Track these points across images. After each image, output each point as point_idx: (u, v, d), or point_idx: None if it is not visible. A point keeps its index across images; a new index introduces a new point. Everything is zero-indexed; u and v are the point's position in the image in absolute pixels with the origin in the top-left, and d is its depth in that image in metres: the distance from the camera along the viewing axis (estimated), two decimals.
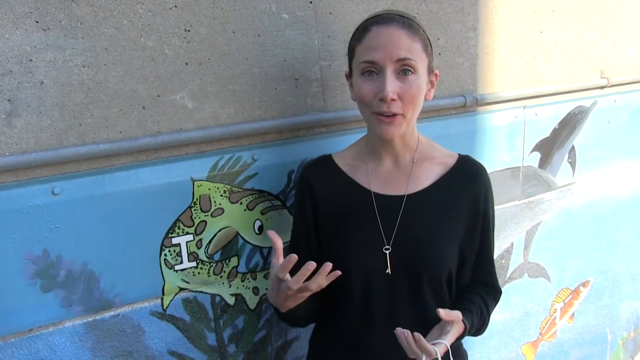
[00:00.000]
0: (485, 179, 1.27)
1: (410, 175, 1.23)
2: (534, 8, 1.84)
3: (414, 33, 1.13)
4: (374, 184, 1.24)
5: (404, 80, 1.11)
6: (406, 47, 1.11)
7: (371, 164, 1.26)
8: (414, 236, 1.20)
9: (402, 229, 1.20)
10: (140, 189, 1.28)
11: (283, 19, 1.40)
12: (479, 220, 1.25)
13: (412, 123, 1.19)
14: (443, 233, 1.22)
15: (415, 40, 1.12)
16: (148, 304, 1.34)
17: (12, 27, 1.11)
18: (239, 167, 1.39)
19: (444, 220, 1.22)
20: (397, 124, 1.13)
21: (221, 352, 1.47)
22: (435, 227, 1.22)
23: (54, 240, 1.21)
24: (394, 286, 1.20)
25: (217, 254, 1.40)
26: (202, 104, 1.33)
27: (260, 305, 1.50)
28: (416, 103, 1.14)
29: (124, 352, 1.35)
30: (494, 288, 1.32)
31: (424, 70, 1.15)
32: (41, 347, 1.25)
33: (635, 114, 2.19)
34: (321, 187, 1.26)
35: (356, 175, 1.26)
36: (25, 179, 1.18)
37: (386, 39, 1.11)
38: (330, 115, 1.49)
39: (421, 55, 1.13)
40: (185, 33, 1.29)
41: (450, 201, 1.23)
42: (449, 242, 1.22)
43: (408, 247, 1.19)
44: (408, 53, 1.10)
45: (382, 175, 1.25)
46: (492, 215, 1.29)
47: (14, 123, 1.15)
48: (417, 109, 1.16)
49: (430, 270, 1.20)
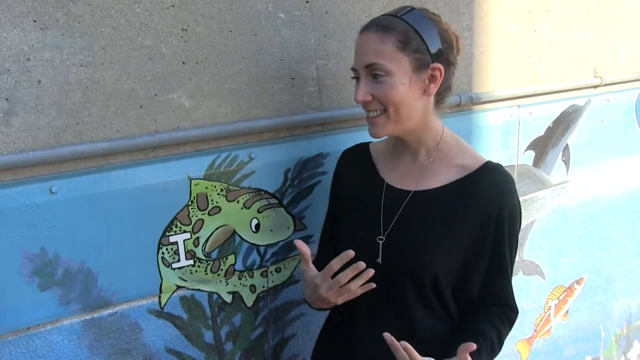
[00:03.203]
0: (508, 195, 1.18)
1: (424, 173, 1.23)
2: (528, 8, 1.85)
3: (386, 35, 1.12)
4: (390, 176, 1.26)
5: (376, 82, 1.14)
6: (374, 52, 1.13)
7: (394, 157, 1.28)
8: (406, 232, 1.20)
9: (398, 223, 1.21)
10: (137, 187, 1.28)
11: (279, 19, 1.41)
12: (490, 235, 1.18)
13: (411, 121, 1.17)
14: (436, 237, 1.18)
15: (385, 42, 1.12)
16: (145, 302, 1.35)
17: (10, 26, 1.12)
18: (235, 165, 1.39)
19: (443, 225, 1.19)
20: (379, 124, 1.17)
21: (218, 349, 1.48)
22: (430, 228, 1.19)
23: (51, 238, 1.21)
24: (380, 277, 1.17)
25: (214, 252, 1.41)
26: (199, 103, 1.34)
27: (257, 303, 1.51)
28: (395, 102, 1.13)
29: (122, 350, 1.35)
30: (508, 307, 1.23)
31: (401, 69, 1.13)
32: (39, 345, 1.25)
33: (628, 112, 2.21)
34: (347, 172, 1.34)
35: (380, 165, 1.30)
36: (23, 178, 1.18)
37: (360, 46, 1.17)
38: (326, 114, 1.50)
39: (394, 56, 1.12)
40: (182, 32, 1.29)
41: (457, 207, 1.19)
42: (441, 247, 1.18)
43: (398, 242, 1.20)
44: (375, 58, 1.13)
45: (400, 169, 1.26)
46: (512, 234, 1.20)
47: (11, 122, 1.15)
48: (401, 107, 1.14)
49: (412, 270, 1.19)
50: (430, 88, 1.16)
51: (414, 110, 1.17)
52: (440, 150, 1.23)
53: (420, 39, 1.13)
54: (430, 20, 1.16)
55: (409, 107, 1.15)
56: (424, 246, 1.19)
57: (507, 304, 1.22)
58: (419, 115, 1.18)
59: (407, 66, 1.13)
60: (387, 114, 1.15)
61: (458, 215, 1.18)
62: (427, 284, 1.19)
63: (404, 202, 1.22)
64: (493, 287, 1.21)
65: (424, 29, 1.14)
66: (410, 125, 1.19)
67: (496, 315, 1.20)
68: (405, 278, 1.19)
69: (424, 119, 1.20)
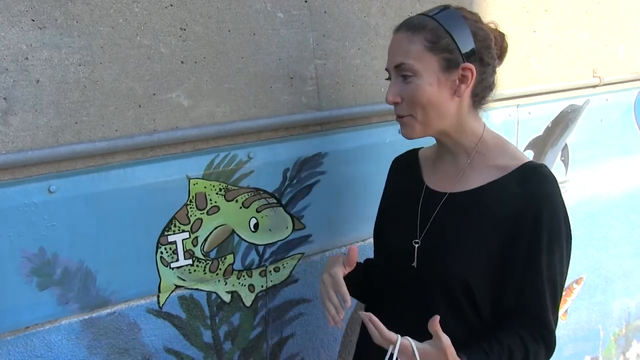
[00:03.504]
0: (547, 197, 1.10)
1: (461, 175, 1.19)
2: (527, 8, 1.85)
3: (415, 34, 1.11)
4: (430, 179, 1.24)
5: (405, 83, 1.12)
6: (402, 52, 1.11)
7: (437, 160, 1.26)
8: (438, 235, 1.17)
9: (433, 226, 1.18)
10: (136, 186, 1.28)
11: (278, 18, 1.41)
12: (524, 240, 1.09)
13: (443, 122, 1.14)
14: (467, 241, 1.13)
15: (414, 42, 1.10)
16: (144, 301, 1.35)
17: (8, 26, 1.12)
18: (234, 165, 1.39)
19: (475, 228, 1.13)
20: (407, 125, 1.15)
21: (217, 349, 1.48)
22: (462, 232, 1.14)
23: (50, 238, 1.21)
24: (416, 281, 1.17)
25: (212, 251, 1.41)
26: (197, 102, 1.34)
27: (256, 302, 1.51)
28: (422, 103, 1.11)
29: (120, 350, 1.35)
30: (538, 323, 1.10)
31: (429, 69, 1.10)
32: (37, 345, 1.25)
33: (627, 112, 2.21)
34: (395, 176, 1.36)
35: (424, 169, 1.29)
36: (22, 177, 1.18)
37: (391, 46, 1.16)
38: (325, 113, 1.50)
39: (422, 55, 1.10)
40: (181, 32, 1.29)
41: (490, 209, 1.13)
42: (472, 252, 1.12)
43: (431, 245, 1.17)
44: (403, 58, 1.11)
45: (440, 172, 1.24)
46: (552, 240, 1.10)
47: (10, 121, 1.15)
48: (429, 108, 1.11)
49: (441, 275, 1.15)
50: (461, 88, 1.12)
51: (443, 112, 1.13)
52: (479, 151, 1.18)
53: (450, 38, 1.10)
54: (463, 19, 1.12)
55: (437, 108, 1.12)
56: (453, 250, 1.14)
57: (536, 319, 1.10)
58: (451, 117, 1.14)
59: (436, 66, 1.10)
60: (415, 116, 1.13)
61: (491, 218, 1.12)
62: (458, 290, 1.13)
63: (439, 205, 1.18)
64: (524, 298, 1.10)
65: (455, 27, 1.11)
66: (440, 127, 1.15)
67: (527, 330, 1.10)
68: (435, 283, 1.15)
69: (457, 120, 1.15)
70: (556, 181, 1.13)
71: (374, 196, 1.63)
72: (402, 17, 1.59)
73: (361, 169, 1.60)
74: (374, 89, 1.59)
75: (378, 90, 1.60)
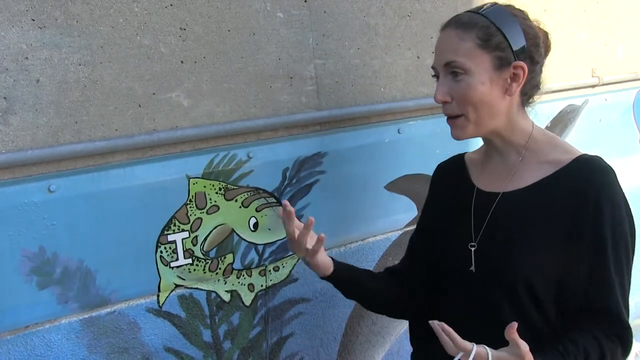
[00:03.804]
0: (605, 189, 1.06)
1: (513, 173, 1.16)
2: (526, 7, 1.84)
3: (466, 31, 1.09)
4: (480, 180, 1.22)
5: (455, 81, 1.10)
6: (453, 50, 1.09)
7: (485, 161, 1.24)
8: (495, 237, 1.14)
9: (488, 228, 1.15)
10: (136, 186, 1.29)
11: (278, 18, 1.41)
12: (585, 234, 1.06)
13: (493, 122, 1.13)
14: (527, 240, 1.10)
15: (465, 40, 1.08)
16: (144, 300, 1.35)
17: (8, 25, 1.12)
18: (234, 164, 1.40)
19: (533, 226, 1.10)
20: (458, 125, 1.13)
21: (217, 348, 1.49)
22: (520, 231, 1.11)
23: (50, 237, 1.21)
24: (474, 285, 1.14)
25: (212, 251, 1.41)
26: (197, 102, 1.34)
27: (255, 301, 1.51)
28: (474, 102, 1.09)
29: (120, 349, 1.35)
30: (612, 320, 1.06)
31: (481, 67, 1.08)
32: (37, 344, 1.25)
33: (625, 112, 2.21)
34: (441, 181, 1.33)
35: (472, 171, 1.26)
36: (22, 176, 1.18)
37: (440, 43, 1.14)
38: (324, 113, 1.51)
39: (474, 53, 1.08)
40: (180, 31, 1.30)
41: (547, 206, 1.10)
42: (532, 251, 1.09)
43: (489, 247, 1.14)
44: (453, 55, 1.09)
45: (489, 172, 1.21)
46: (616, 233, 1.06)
47: (10, 120, 1.15)
48: (481, 108, 1.10)
49: (502, 278, 1.11)
50: (512, 87, 1.10)
51: (495, 110, 1.11)
52: (530, 148, 1.15)
53: (502, 36, 1.08)
54: (513, 17, 1.11)
55: (489, 107, 1.10)
56: (513, 250, 1.11)
57: (609, 316, 1.06)
58: (502, 116, 1.12)
59: (488, 64, 1.08)
60: (467, 116, 1.10)
61: (548, 214, 1.09)
62: (521, 291, 1.09)
63: (493, 205, 1.16)
64: (593, 295, 1.06)
65: (506, 25, 1.09)
66: (492, 127, 1.13)
67: (600, 328, 1.05)
68: (497, 285, 1.12)
69: (508, 119, 1.14)
70: (613, 171, 1.10)
71: (374, 196, 1.65)
72: (402, 17, 1.61)
73: (360, 169, 1.60)
74: (374, 88, 1.60)
75: (378, 90, 1.60)
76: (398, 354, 1.85)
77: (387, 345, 1.82)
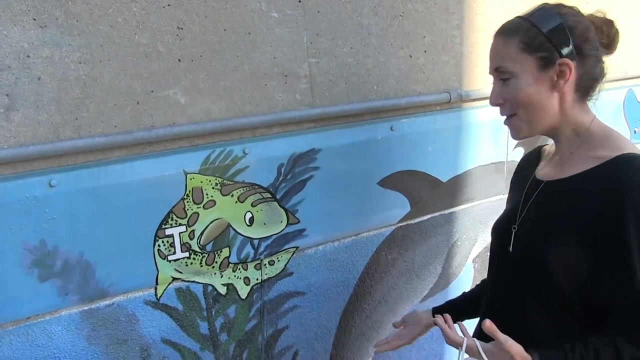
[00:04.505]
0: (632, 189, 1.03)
1: (562, 163, 1.19)
2: (517, 7, 1.89)
3: (510, 37, 1.14)
4: (542, 170, 1.25)
5: (505, 85, 1.15)
6: (499, 55, 1.15)
7: (553, 152, 1.27)
8: (530, 222, 1.18)
9: (527, 212, 1.20)
10: (134, 181, 1.32)
11: (273, 18, 1.44)
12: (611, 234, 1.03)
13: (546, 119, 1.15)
14: (553, 229, 1.12)
15: (508, 45, 1.13)
16: (142, 293, 1.38)
17: (10, 24, 1.15)
18: (230, 160, 1.43)
19: (562, 217, 1.11)
20: (514, 126, 1.18)
21: (213, 340, 1.51)
22: (550, 220, 1.13)
23: (50, 230, 1.24)
24: (509, 266, 1.18)
25: (209, 244, 1.45)
26: (194, 99, 1.37)
27: (251, 294, 1.54)
28: (524, 103, 1.14)
29: (119, 340, 1.38)
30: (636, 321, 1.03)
31: (526, 69, 1.12)
32: (38, 335, 1.28)
33: (615, 112, 2.25)
34: (517, 170, 1.38)
35: (543, 161, 1.29)
36: (23, 171, 1.21)
37: (490, 50, 1.19)
38: (318, 110, 1.54)
39: (517, 57, 1.12)
40: (178, 31, 1.33)
41: (578, 200, 1.11)
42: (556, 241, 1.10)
43: (523, 231, 1.19)
44: (499, 61, 1.15)
45: (549, 162, 1.25)
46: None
47: (12, 117, 1.18)
48: (530, 107, 1.14)
49: (526, 262, 1.14)
50: (560, 84, 1.13)
51: (545, 108, 1.15)
52: (584, 141, 1.17)
53: (544, 37, 1.11)
54: (559, 16, 1.12)
55: (538, 106, 1.14)
56: (538, 237, 1.14)
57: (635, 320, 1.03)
58: (554, 111, 1.15)
59: (532, 66, 1.12)
60: (519, 116, 1.16)
61: (579, 207, 1.10)
62: (542, 278, 1.11)
63: (537, 191, 1.20)
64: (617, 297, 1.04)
65: (549, 25, 1.11)
66: (546, 124, 1.16)
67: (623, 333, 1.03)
68: (523, 269, 1.15)
69: (562, 114, 1.16)
70: None
71: (367, 192, 1.68)
72: (394, 17, 1.64)
73: (354, 165, 1.63)
74: (367, 86, 1.63)
75: (371, 88, 1.63)
76: None
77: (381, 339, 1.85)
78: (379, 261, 1.77)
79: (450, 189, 1.86)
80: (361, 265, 1.73)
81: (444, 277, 1.95)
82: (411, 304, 1.89)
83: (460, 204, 1.90)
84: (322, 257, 1.64)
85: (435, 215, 1.85)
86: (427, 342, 1.98)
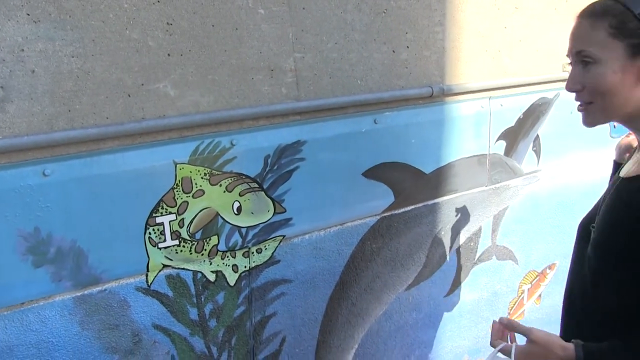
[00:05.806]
0: None
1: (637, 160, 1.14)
2: (498, 5, 1.94)
3: (599, 20, 1.04)
4: (626, 164, 1.20)
5: (586, 70, 1.07)
6: (584, 39, 1.06)
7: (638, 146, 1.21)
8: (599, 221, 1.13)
9: (602, 211, 1.15)
10: (126, 171, 1.36)
11: (259, 14, 1.49)
12: None
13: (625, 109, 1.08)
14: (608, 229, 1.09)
15: (596, 29, 1.04)
16: (133, 279, 1.42)
17: (4, 19, 1.19)
18: (218, 151, 1.47)
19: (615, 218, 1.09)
20: (589, 114, 1.10)
21: (202, 326, 1.56)
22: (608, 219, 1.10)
23: (44, 218, 1.28)
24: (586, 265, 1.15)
25: (198, 233, 1.49)
26: (183, 93, 1.42)
27: (239, 282, 1.59)
28: (604, 92, 1.05)
29: (111, 326, 1.42)
30: None
31: (613, 56, 1.04)
32: (32, 320, 1.32)
33: None
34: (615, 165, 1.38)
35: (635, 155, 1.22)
36: (18, 161, 1.25)
37: (573, 31, 1.11)
38: (304, 103, 1.58)
39: (604, 42, 1.04)
40: (167, 26, 1.37)
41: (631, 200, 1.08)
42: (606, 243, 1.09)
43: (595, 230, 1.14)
44: (583, 45, 1.06)
45: (634, 159, 1.18)
46: None
47: (6, 108, 1.22)
48: (611, 97, 1.06)
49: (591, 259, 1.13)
50: None
51: (627, 99, 1.07)
52: None
53: (638, 22, 1.02)
54: None
55: (620, 96, 1.06)
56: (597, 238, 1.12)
57: None
58: (636, 102, 1.07)
59: (621, 53, 1.04)
60: (596, 104, 1.08)
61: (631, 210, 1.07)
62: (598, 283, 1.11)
63: (613, 188, 1.15)
64: None
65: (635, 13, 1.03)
66: (622, 113, 1.09)
67: None
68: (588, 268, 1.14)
69: None
70: None
71: (352, 182, 1.72)
72: (377, 13, 1.69)
73: (338, 156, 1.67)
74: (351, 81, 1.67)
75: (354, 82, 1.68)
76: (377, 334, 1.93)
77: (366, 326, 1.90)
78: (364, 250, 1.81)
79: (433, 180, 1.91)
80: (347, 254, 1.78)
81: (428, 267, 2.00)
82: (396, 292, 1.95)
83: (444, 195, 1.95)
84: (308, 246, 1.69)
85: (418, 206, 1.90)
86: (412, 330, 2.03)
